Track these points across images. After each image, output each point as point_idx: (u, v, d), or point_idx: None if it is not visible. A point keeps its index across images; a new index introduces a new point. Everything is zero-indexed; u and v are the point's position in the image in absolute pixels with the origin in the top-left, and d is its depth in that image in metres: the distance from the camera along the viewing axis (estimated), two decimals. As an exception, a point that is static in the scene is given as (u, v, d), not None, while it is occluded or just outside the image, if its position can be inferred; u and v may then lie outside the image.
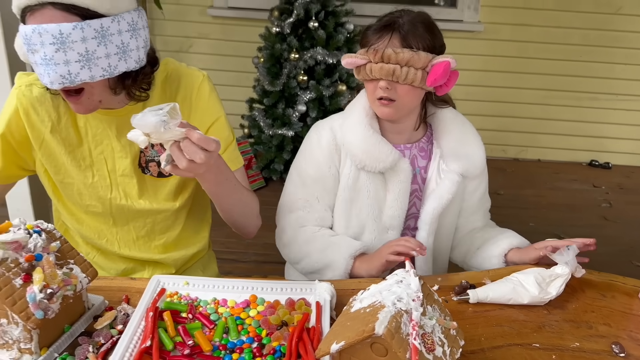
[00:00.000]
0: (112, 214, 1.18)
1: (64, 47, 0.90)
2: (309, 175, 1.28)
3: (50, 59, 0.91)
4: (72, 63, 0.92)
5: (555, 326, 0.99)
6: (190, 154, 0.86)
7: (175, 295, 0.99)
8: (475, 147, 1.27)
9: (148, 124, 0.82)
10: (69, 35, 0.90)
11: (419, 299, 0.78)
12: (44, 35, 0.89)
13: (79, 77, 0.94)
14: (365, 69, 1.14)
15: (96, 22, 0.92)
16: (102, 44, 0.93)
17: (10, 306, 0.80)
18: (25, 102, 1.07)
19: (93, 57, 0.93)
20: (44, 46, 0.90)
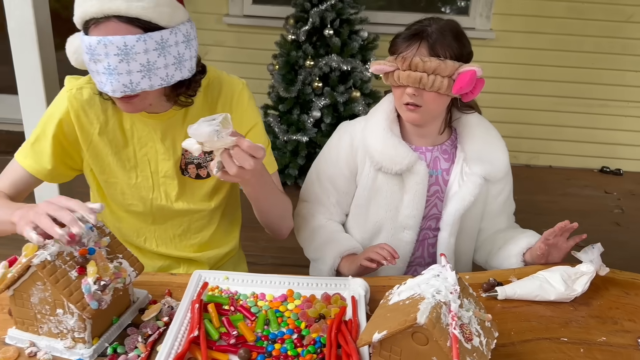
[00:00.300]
0: (152, 213, 1.22)
1: (127, 58, 0.96)
2: (325, 172, 1.35)
3: (114, 69, 0.97)
4: (134, 73, 0.98)
5: (581, 322, 1.02)
6: (240, 161, 0.92)
7: (217, 289, 1.03)
8: (499, 152, 1.31)
9: (202, 134, 0.88)
10: (132, 47, 0.96)
11: (456, 292, 0.81)
12: (109, 46, 0.95)
13: (139, 87, 0.99)
14: (393, 76, 1.19)
15: (157, 34, 0.98)
16: (161, 55, 0.99)
17: (68, 297, 0.84)
18: (76, 104, 1.13)
19: (153, 67, 0.99)
20: (109, 57, 0.96)
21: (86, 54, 0.98)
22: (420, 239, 1.34)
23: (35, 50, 1.69)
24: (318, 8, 3.13)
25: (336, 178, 1.34)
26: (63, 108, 1.13)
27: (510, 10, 3.56)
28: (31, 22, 1.66)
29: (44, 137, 1.14)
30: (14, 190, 1.16)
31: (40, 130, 1.15)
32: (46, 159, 1.15)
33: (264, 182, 1.09)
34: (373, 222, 1.32)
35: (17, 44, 1.69)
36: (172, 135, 1.18)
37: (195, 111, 1.18)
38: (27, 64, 1.71)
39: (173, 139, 1.18)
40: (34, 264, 0.84)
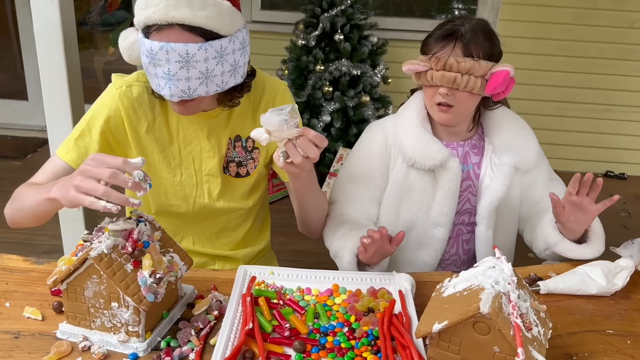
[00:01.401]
0: (194, 212, 1.23)
1: (187, 65, 0.98)
2: (358, 170, 1.34)
3: (174, 75, 0.98)
4: (192, 80, 1.00)
5: (624, 314, 1.04)
6: (306, 150, 0.95)
7: (263, 284, 1.03)
8: (528, 140, 1.31)
9: (272, 123, 0.91)
10: (193, 56, 0.98)
11: (514, 283, 0.82)
12: (171, 53, 0.97)
13: (196, 92, 1.01)
14: (426, 76, 1.20)
15: (217, 43, 0.99)
16: (219, 63, 1.01)
17: (125, 289, 0.84)
18: (126, 102, 1.13)
19: (211, 75, 1.01)
20: (169, 63, 0.98)
21: (145, 57, 1.00)
22: (454, 235, 1.35)
23: (61, 53, 1.70)
24: (328, 13, 3.16)
25: (371, 174, 1.33)
26: (113, 105, 1.13)
27: (516, 16, 3.61)
28: (57, 24, 1.67)
29: (89, 133, 1.14)
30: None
31: (85, 126, 1.14)
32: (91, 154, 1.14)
33: (313, 177, 1.12)
34: (405, 219, 1.33)
35: (43, 47, 1.69)
36: (218, 133, 1.19)
37: (239, 110, 1.19)
38: (53, 67, 1.72)
39: (218, 137, 1.19)
40: (91, 256, 0.84)
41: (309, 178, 1.11)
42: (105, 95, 1.16)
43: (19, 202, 1.08)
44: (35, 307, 0.96)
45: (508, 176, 1.27)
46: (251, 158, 1.24)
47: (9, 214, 1.12)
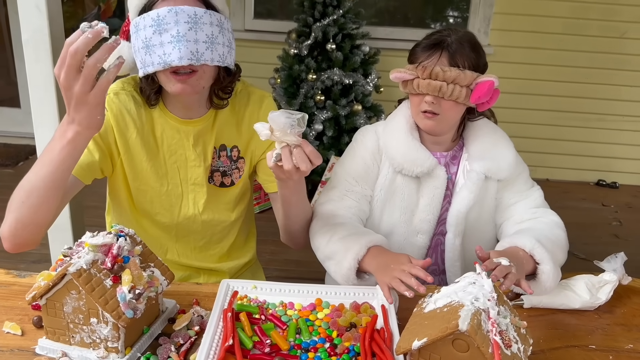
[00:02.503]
0: (177, 224, 1.23)
1: (196, 27, 1.02)
2: (352, 169, 1.32)
3: (183, 35, 1.01)
4: (200, 42, 1.03)
5: (607, 329, 1.04)
6: (299, 161, 0.96)
7: (245, 298, 1.03)
8: (504, 150, 1.30)
9: (279, 122, 0.93)
10: (201, 17, 1.02)
11: (494, 299, 0.82)
12: (180, 14, 1.01)
13: (203, 57, 1.03)
14: (413, 84, 1.21)
15: (216, 15, 1.05)
16: (220, 33, 1.05)
17: (103, 305, 0.84)
18: (115, 108, 1.14)
19: (215, 41, 1.04)
20: (179, 24, 1.01)
21: (149, 28, 1.02)
22: (433, 245, 1.35)
23: (49, 62, 1.69)
24: (320, 23, 3.18)
25: (365, 174, 1.32)
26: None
27: (508, 26, 3.64)
28: (46, 33, 1.66)
29: None
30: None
31: None
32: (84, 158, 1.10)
33: (302, 187, 1.13)
34: (387, 223, 1.32)
35: (31, 56, 1.69)
36: (203, 142, 1.19)
37: (223, 118, 1.20)
38: (41, 76, 1.71)
39: (204, 145, 1.19)
40: (70, 272, 0.83)
41: (296, 187, 1.11)
42: None
43: (23, 196, 1.00)
44: (15, 322, 0.95)
45: (476, 182, 1.26)
46: (236, 168, 1.24)
47: (10, 227, 1.03)
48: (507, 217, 1.32)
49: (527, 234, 1.13)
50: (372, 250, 1.12)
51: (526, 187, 1.34)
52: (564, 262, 1.17)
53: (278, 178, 1.06)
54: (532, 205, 1.31)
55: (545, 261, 1.06)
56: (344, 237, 1.17)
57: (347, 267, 1.11)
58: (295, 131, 0.93)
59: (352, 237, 1.16)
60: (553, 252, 1.11)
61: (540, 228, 1.22)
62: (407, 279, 0.98)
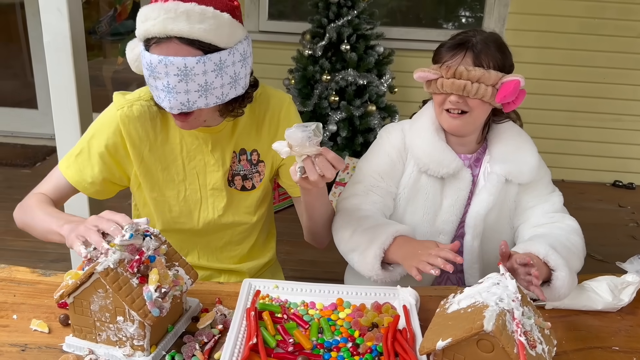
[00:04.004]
0: (198, 228, 1.23)
1: (186, 78, 0.99)
2: (380, 166, 1.32)
3: (173, 87, 0.99)
4: (191, 92, 1.00)
5: (630, 331, 1.03)
6: (324, 170, 0.97)
7: (267, 298, 1.04)
8: (526, 154, 1.29)
9: (296, 138, 0.94)
10: (192, 69, 0.98)
11: (518, 300, 0.82)
12: (170, 66, 0.98)
13: (195, 105, 1.02)
14: (437, 84, 1.21)
15: (216, 56, 1.00)
16: (219, 76, 1.01)
17: (130, 304, 0.85)
18: (128, 122, 1.14)
19: (210, 87, 1.01)
20: (168, 76, 0.98)
21: (146, 70, 1.01)
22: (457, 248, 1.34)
23: (70, 64, 1.71)
24: (335, 24, 3.18)
25: (391, 170, 1.32)
26: (113, 126, 1.14)
27: (523, 26, 3.61)
28: (67, 36, 1.69)
29: (89, 152, 1.16)
30: (57, 195, 1.19)
31: (85, 144, 1.16)
32: (88, 173, 1.16)
33: (324, 192, 1.14)
34: (409, 222, 1.32)
35: (52, 59, 1.71)
36: (222, 147, 1.20)
37: (244, 124, 1.20)
38: (62, 78, 1.74)
39: (222, 150, 1.20)
40: (97, 271, 0.84)
41: (320, 192, 1.12)
42: (106, 115, 1.16)
43: (29, 219, 1.11)
44: (42, 320, 0.97)
45: (496, 185, 1.26)
46: (257, 171, 1.25)
47: (18, 219, 1.16)
48: (524, 220, 1.32)
49: (542, 240, 1.12)
50: (398, 239, 1.15)
51: (546, 192, 1.33)
52: (580, 268, 1.16)
53: (303, 188, 1.07)
54: (551, 210, 1.30)
55: (560, 268, 1.05)
56: (368, 228, 1.18)
57: (372, 256, 1.13)
58: (314, 142, 0.95)
59: (377, 228, 1.17)
60: (568, 259, 1.10)
61: (555, 234, 1.21)
62: (434, 260, 1.01)
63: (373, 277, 1.16)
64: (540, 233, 1.23)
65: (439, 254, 1.02)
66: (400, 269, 1.16)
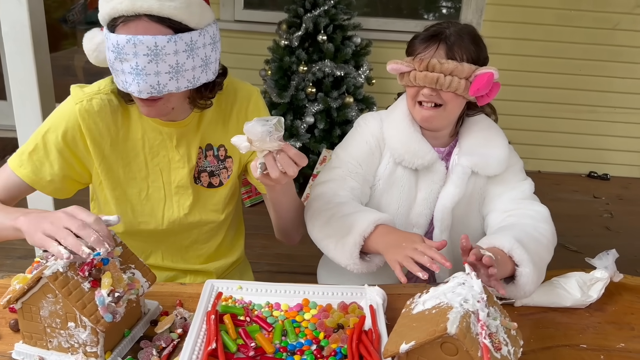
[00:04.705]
0: (163, 228, 1.18)
1: (156, 58, 0.94)
2: (359, 153, 1.28)
3: (142, 69, 0.94)
4: (162, 74, 0.96)
5: (598, 328, 1.02)
6: (285, 167, 0.93)
7: (230, 299, 1.00)
8: (496, 147, 1.26)
9: (256, 132, 0.89)
10: (162, 48, 0.93)
11: (483, 300, 0.80)
12: (139, 46, 0.92)
13: (166, 88, 0.97)
14: (410, 76, 1.18)
15: (187, 36, 0.96)
16: (190, 57, 0.97)
17: (81, 309, 0.81)
18: (87, 117, 1.07)
19: (182, 69, 0.97)
20: (137, 57, 0.93)
21: (111, 52, 0.96)
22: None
23: (30, 55, 1.65)
24: (311, 14, 3.13)
25: (368, 157, 1.29)
26: (72, 120, 1.08)
27: (500, 17, 3.60)
28: (26, 25, 1.62)
29: (45, 148, 1.08)
30: (7, 195, 1.10)
31: (40, 140, 1.08)
32: (47, 171, 1.09)
33: (290, 188, 1.11)
34: None
35: (11, 49, 1.64)
36: (187, 141, 1.15)
37: (210, 118, 1.16)
38: (22, 69, 1.67)
39: (188, 145, 1.15)
40: (45, 275, 0.80)
41: (285, 189, 1.08)
42: (62, 108, 1.10)
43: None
44: (-9, 326, 0.93)
45: (461, 177, 1.24)
46: (224, 167, 1.21)
47: None
48: (492, 209, 1.29)
49: (507, 233, 1.09)
50: (379, 228, 1.11)
51: (515, 180, 1.30)
52: (549, 260, 1.13)
53: (266, 185, 1.03)
54: (519, 197, 1.27)
55: (524, 263, 1.02)
56: (347, 214, 1.14)
57: (351, 244, 1.09)
58: (275, 137, 0.90)
59: (357, 214, 1.13)
60: (536, 252, 1.07)
61: (522, 224, 1.17)
62: (420, 258, 0.96)
63: (349, 267, 1.12)
64: (508, 224, 1.20)
65: (426, 252, 0.97)
66: (378, 259, 1.12)
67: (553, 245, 1.18)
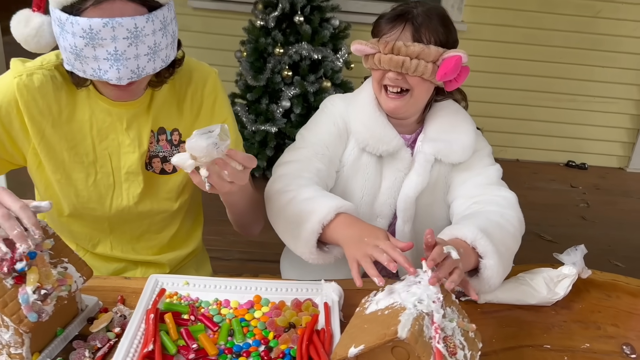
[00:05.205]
0: (110, 217, 1.11)
1: (136, 41, 0.88)
2: (327, 134, 1.21)
3: (122, 54, 0.87)
4: (141, 57, 0.90)
5: (564, 327, 0.98)
6: (234, 179, 0.88)
7: (175, 296, 0.94)
8: (462, 134, 1.20)
9: (200, 147, 0.82)
10: (142, 29, 0.88)
11: (439, 301, 0.75)
12: (118, 29, 0.85)
13: (145, 71, 0.92)
14: (374, 59, 1.11)
15: (160, 13, 0.90)
16: (164, 35, 0.92)
17: (1, 308, 0.74)
18: (26, 94, 0.99)
19: (158, 49, 0.92)
20: (116, 41, 0.86)
21: (80, 38, 0.86)
22: (391, 231, 1.27)
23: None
24: (288, -7, 3.03)
25: (335, 139, 1.21)
26: (8, 95, 0.98)
27: (482, 2, 3.54)
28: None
29: None
30: None
31: None
32: None
33: (246, 189, 1.04)
34: None
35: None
36: (138, 125, 1.07)
37: (161, 99, 1.08)
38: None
39: (139, 129, 1.07)
40: (-39, 271, 0.73)
41: (239, 191, 1.00)
42: (2, 84, 1.00)
43: None
44: None
45: (423, 165, 1.18)
46: (178, 153, 1.13)
47: None
48: (457, 196, 1.22)
49: (470, 222, 1.02)
50: (341, 217, 1.01)
51: (481, 165, 1.23)
52: (516, 248, 1.06)
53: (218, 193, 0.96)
54: (484, 182, 1.20)
55: (488, 254, 0.95)
56: (308, 198, 1.05)
57: (309, 231, 0.99)
58: (223, 148, 0.84)
59: (318, 200, 1.04)
60: (502, 241, 1.00)
61: (488, 211, 1.10)
62: (379, 256, 0.87)
63: (305, 256, 1.03)
64: (472, 212, 1.12)
65: (388, 251, 0.87)
66: (337, 250, 1.03)
67: (520, 233, 1.11)
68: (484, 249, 0.96)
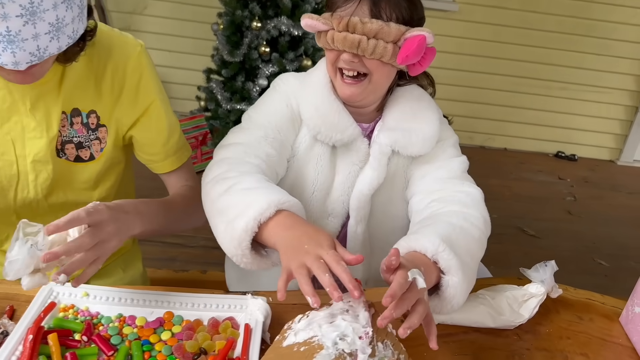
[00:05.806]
0: (16, 210, 0.97)
1: (34, 18, 0.73)
2: (279, 116, 1.05)
3: (16, 34, 0.72)
4: (41, 36, 0.75)
5: (526, 356, 0.85)
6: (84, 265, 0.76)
7: (71, 310, 0.80)
8: (424, 123, 1.05)
9: (24, 259, 0.72)
10: (40, 4, 0.72)
11: (367, 336, 0.61)
12: (8, 5, 0.70)
13: (47, 52, 0.77)
14: (327, 37, 0.96)
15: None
16: (69, 8, 0.77)
17: None
18: None
19: (62, 24, 0.77)
20: (8, 19, 0.71)
21: None
22: (343, 232, 1.13)
23: None
24: (267, -37, 2.84)
25: (288, 123, 1.06)
26: None
27: (474, -19, 3.36)
28: None
29: None
30: None
31: None
32: None
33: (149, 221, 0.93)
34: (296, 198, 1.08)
35: None
36: (46, 105, 0.92)
37: (75, 75, 0.93)
38: None
39: (47, 110, 0.92)
40: None
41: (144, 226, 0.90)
42: None
43: None
44: None
45: (378, 158, 1.04)
46: (96, 138, 0.99)
47: None
48: (415, 192, 1.07)
49: (431, 230, 0.86)
50: (282, 215, 0.83)
51: (444, 157, 1.08)
52: (481, 255, 0.91)
53: None
54: (446, 176, 1.05)
55: (452, 270, 0.80)
56: (248, 188, 0.88)
57: (241, 228, 0.81)
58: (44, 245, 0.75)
59: (259, 191, 0.86)
60: (466, 250, 0.86)
61: (449, 212, 0.95)
62: (320, 275, 0.69)
63: (237, 259, 0.84)
64: (432, 213, 0.97)
65: (332, 266, 0.70)
66: (276, 256, 0.86)
67: (486, 236, 0.96)
68: (446, 264, 0.80)
